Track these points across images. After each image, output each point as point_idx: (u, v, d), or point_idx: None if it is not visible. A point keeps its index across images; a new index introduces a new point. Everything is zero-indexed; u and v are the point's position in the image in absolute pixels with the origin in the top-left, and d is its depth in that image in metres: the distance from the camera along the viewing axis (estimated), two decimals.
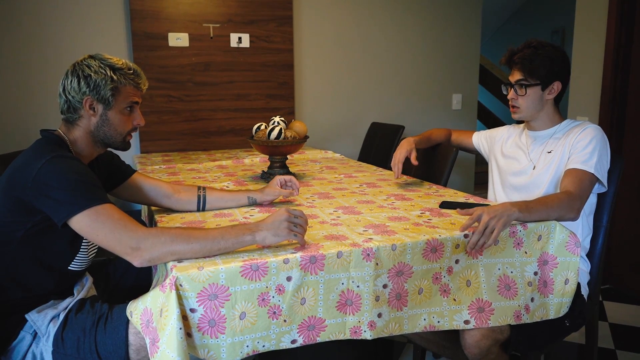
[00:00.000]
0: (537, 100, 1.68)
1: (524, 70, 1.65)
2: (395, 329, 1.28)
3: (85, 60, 1.32)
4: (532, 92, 1.66)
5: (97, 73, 1.30)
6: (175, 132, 3.09)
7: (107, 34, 2.96)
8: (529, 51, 1.64)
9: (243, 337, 1.13)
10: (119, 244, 1.16)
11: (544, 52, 1.63)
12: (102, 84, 1.30)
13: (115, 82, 1.32)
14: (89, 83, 1.30)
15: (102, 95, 1.31)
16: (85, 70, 1.30)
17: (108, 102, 1.33)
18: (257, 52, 3.18)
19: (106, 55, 1.35)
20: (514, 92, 1.69)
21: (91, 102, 1.32)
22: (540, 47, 1.64)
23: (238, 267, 1.12)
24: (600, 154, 1.56)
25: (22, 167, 1.21)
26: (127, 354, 1.21)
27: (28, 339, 1.25)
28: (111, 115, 1.34)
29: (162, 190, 1.58)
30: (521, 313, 1.40)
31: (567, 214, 1.43)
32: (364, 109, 3.63)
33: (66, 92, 1.32)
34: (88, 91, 1.30)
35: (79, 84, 1.30)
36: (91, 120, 1.34)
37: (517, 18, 5.82)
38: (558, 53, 1.65)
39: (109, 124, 1.35)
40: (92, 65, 1.31)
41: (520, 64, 1.65)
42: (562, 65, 1.65)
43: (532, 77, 1.65)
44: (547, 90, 1.66)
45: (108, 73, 1.31)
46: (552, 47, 1.65)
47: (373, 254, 1.23)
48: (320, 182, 2.04)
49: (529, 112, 1.70)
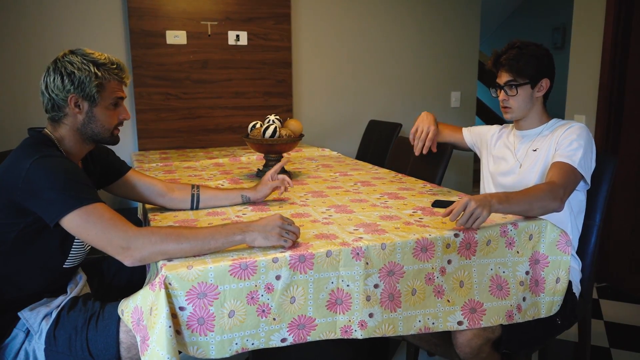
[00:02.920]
0: (528, 98, 1.69)
1: (512, 71, 1.67)
2: (389, 330, 1.28)
3: (67, 57, 1.29)
4: (522, 92, 1.68)
5: (81, 70, 1.27)
6: (173, 129, 3.10)
7: (105, 32, 2.97)
8: (514, 52, 1.66)
9: (232, 335, 1.14)
10: (110, 243, 1.16)
11: (529, 51, 1.65)
12: (86, 81, 1.28)
13: (99, 79, 1.29)
14: (73, 80, 1.27)
15: (87, 92, 1.29)
16: (68, 67, 1.27)
17: (93, 99, 1.30)
18: (255, 50, 3.18)
19: (88, 50, 1.32)
20: (505, 94, 1.70)
21: (76, 100, 1.29)
22: (524, 46, 1.66)
23: (227, 266, 1.13)
24: (585, 151, 1.57)
25: (11, 168, 1.21)
26: (118, 351, 1.22)
27: (21, 336, 1.26)
28: (97, 112, 1.32)
29: (156, 188, 1.59)
30: (513, 312, 1.40)
31: (550, 203, 1.42)
32: (362, 107, 3.63)
33: (49, 90, 1.29)
34: (72, 89, 1.28)
35: (62, 82, 1.27)
36: (77, 117, 1.31)
37: (518, 15, 5.80)
38: (542, 51, 1.67)
39: (95, 120, 1.32)
40: (75, 61, 1.28)
41: (508, 65, 1.67)
42: (548, 62, 1.68)
43: (520, 77, 1.67)
44: (536, 88, 1.69)
45: (92, 69, 1.28)
46: (536, 45, 1.68)
47: (362, 253, 1.23)
48: (315, 181, 2.05)
49: (521, 111, 1.71)
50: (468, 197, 1.33)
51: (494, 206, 1.34)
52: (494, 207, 1.34)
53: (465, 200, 1.32)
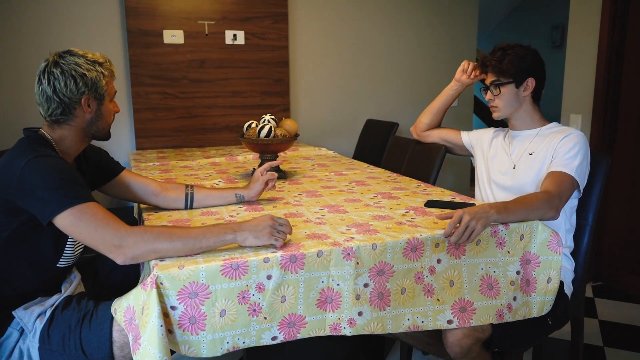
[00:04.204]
0: (513, 97, 1.73)
1: (495, 71, 1.72)
2: (378, 328, 1.29)
3: (67, 59, 1.31)
4: (506, 91, 1.72)
5: (90, 71, 1.32)
6: (171, 128, 3.11)
7: (102, 31, 2.98)
8: (499, 53, 1.72)
9: (223, 334, 1.16)
10: (102, 242, 1.18)
11: (513, 51, 1.70)
12: (97, 80, 1.34)
13: (106, 77, 1.36)
14: (87, 82, 1.32)
15: (99, 92, 1.35)
16: (78, 69, 1.31)
17: (102, 97, 1.36)
18: (252, 49, 3.19)
19: (80, 51, 1.35)
20: (491, 94, 1.75)
21: (88, 100, 1.34)
22: (508, 48, 1.72)
23: (218, 265, 1.14)
24: (582, 159, 1.58)
25: (6, 168, 1.22)
26: (111, 350, 1.23)
27: (15, 335, 1.27)
28: (103, 109, 1.39)
29: (150, 188, 1.60)
30: (503, 312, 1.41)
31: (547, 212, 1.44)
32: (359, 106, 3.64)
33: (60, 94, 1.30)
34: (87, 90, 1.32)
35: (76, 85, 1.30)
36: (85, 117, 1.36)
37: (517, 13, 5.80)
38: (526, 51, 1.71)
39: (101, 117, 1.39)
40: (81, 63, 1.32)
41: (491, 66, 1.73)
42: (532, 62, 1.70)
43: (503, 76, 1.71)
44: (521, 87, 1.71)
45: (98, 69, 1.34)
46: (521, 46, 1.72)
47: (353, 253, 1.24)
48: (310, 180, 2.06)
49: (506, 110, 1.75)
50: (462, 211, 1.33)
51: (491, 217, 1.34)
52: (491, 218, 1.34)
53: (459, 213, 1.32)
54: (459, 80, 2.04)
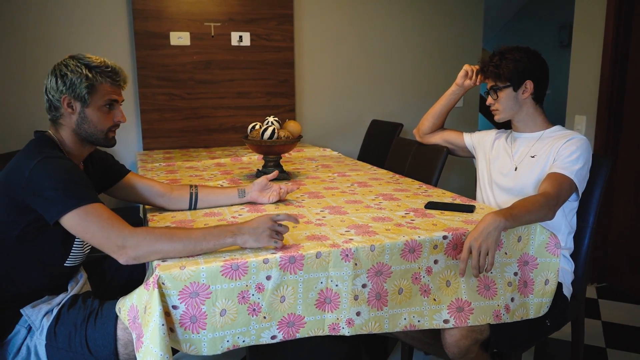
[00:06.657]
0: (512, 101, 1.74)
1: (493, 76, 1.74)
2: (375, 328, 1.32)
3: (65, 60, 1.37)
4: (504, 95, 1.74)
5: (73, 72, 1.35)
6: (177, 129, 3.15)
7: (110, 34, 3.02)
8: (497, 58, 1.74)
9: (223, 333, 1.19)
10: (107, 241, 1.21)
11: (510, 55, 1.71)
12: (77, 82, 1.35)
13: (90, 80, 1.36)
14: (65, 82, 1.35)
15: (77, 93, 1.36)
16: (63, 69, 1.35)
17: (84, 100, 1.37)
18: (257, 50, 3.22)
19: (87, 55, 1.39)
20: (491, 98, 1.78)
21: (69, 101, 1.36)
22: (507, 52, 1.73)
23: (219, 266, 1.17)
24: (583, 164, 1.60)
25: (16, 168, 1.27)
26: (115, 348, 1.26)
27: (23, 332, 1.31)
28: (89, 113, 1.38)
29: (155, 189, 1.64)
30: (501, 312, 1.43)
31: (545, 214, 1.46)
32: (364, 107, 3.65)
33: (47, 91, 1.37)
34: (65, 90, 1.35)
35: (56, 83, 1.35)
36: (71, 118, 1.38)
37: (524, 13, 5.78)
38: (523, 54, 1.71)
39: (88, 121, 1.38)
40: (70, 64, 1.36)
41: (489, 72, 1.75)
42: (529, 64, 1.70)
43: (501, 81, 1.73)
44: (520, 90, 1.72)
45: (83, 71, 1.35)
46: (518, 50, 1.72)
47: (352, 254, 1.26)
48: (313, 181, 2.08)
49: (506, 113, 1.77)
50: (468, 240, 1.32)
51: (501, 224, 1.32)
52: (501, 226, 1.32)
53: (466, 245, 1.31)
54: (460, 85, 2.05)
